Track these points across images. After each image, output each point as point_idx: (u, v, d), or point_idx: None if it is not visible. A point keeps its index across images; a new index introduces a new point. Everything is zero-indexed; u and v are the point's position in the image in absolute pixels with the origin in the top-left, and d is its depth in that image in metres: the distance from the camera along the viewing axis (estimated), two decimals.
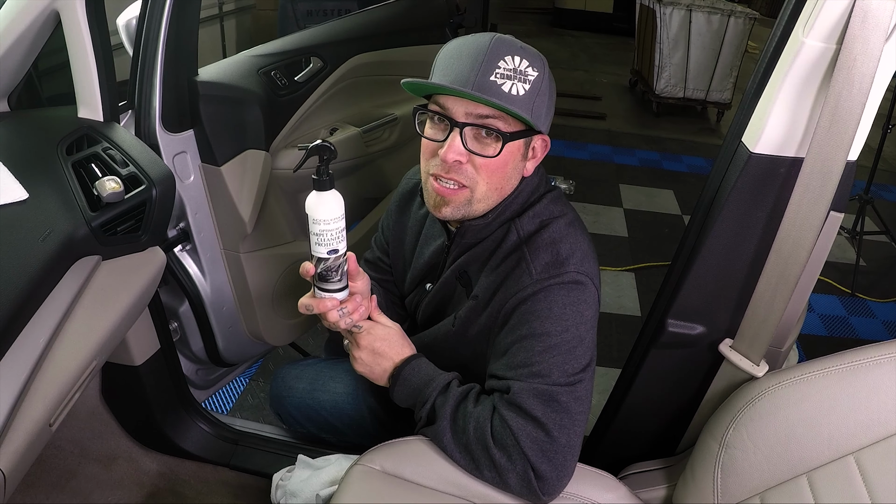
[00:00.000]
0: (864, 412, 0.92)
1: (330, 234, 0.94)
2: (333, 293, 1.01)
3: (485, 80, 0.96)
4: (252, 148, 1.65)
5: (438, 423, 1.05)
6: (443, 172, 1.01)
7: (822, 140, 0.91)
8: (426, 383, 1.08)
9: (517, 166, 1.05)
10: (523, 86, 0.97)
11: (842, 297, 3.10)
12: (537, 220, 1.08)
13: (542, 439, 0.97)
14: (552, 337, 1.00)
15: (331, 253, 0.96)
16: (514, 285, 1.04)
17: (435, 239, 1.22)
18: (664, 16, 5.06)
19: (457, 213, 1.05)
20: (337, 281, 0.99)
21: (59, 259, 1.08)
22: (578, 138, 4.96)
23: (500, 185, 1.04)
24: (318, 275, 0.98)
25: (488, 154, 0.99)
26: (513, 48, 0.98)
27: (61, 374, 1.04)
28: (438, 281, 1.20)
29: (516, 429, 0.98)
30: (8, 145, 1.27)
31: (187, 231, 1.66)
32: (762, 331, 1.06)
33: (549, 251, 1.04)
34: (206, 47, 4.02)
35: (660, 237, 3.57)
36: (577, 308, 1.01)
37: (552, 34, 8.40)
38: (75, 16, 1.26)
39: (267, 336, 1.87)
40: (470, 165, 1.01)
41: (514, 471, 0.98)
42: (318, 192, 0.93)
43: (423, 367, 1.11)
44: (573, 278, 1.02)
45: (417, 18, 2.26)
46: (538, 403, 0.98)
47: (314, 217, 0.93)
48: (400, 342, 1.13)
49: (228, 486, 1.71)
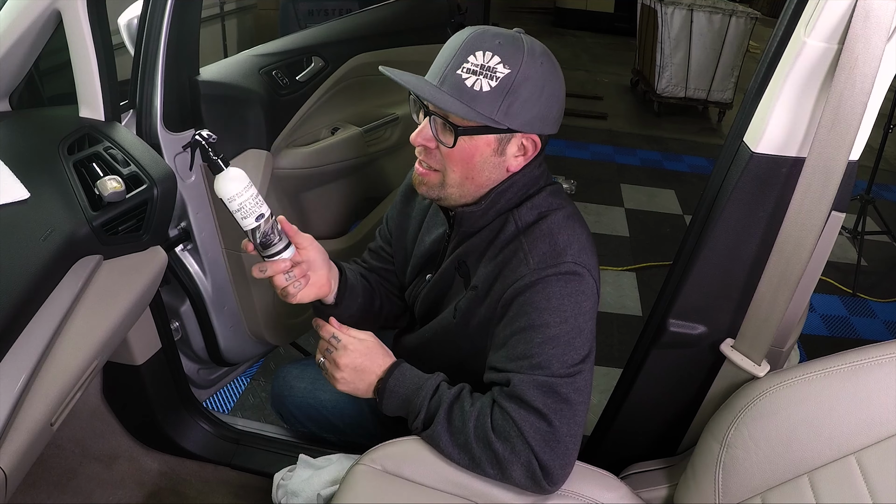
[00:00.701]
0: (866, 412, 0.92)
1: (248, 203, 0.99)
2: (280, 254, 1.06)
3: (451, 74, 1.00)
4: (253, 147, 1.65)
5: (434, 427, 1.05)
6: (420, 155, 1.09)
7: (824, 140, 0.91)
8: (415, 392, 1.08)
9: (489, 161, 1.06)
10: (489, 82, 0.98)
11: (843, 298, 3.10)
12: (536, 212, 1.09)
13: (545, 430, 0.97)
14: (551, 328, 1.00)
15: (258, 219, 1.01)
16: (512, 275, 1.04)
17: (436, 228, 1.23)
18: (666, 15, 5.06)
19: (431, 193, 1.11)
20: (277, 243, 1.04)
21: (61, 258, 1.08)
22: (580, 138, 4.95)
23: (469, 174, 1.07)
24: (259, 244, 1.04)
25: (446, 143, 1.04)
26: (488, 43, 0.99)
27: (62, 373, 1.04)
28: (438, 271, 1.20)
29: (519, 420, 0.98)
30: (9, 145, 1.27)
31: (188, 230, 1.66)
32: (763, 331, 1.06)
33: (546, 241, 1.04)
34: (207, 47, 4.02)
35: (661, 237, 3.57)
36: (575, 299, 1.02)
37: (553, 34, 8.39)
38: (77, 15, 1.26)
39: (268, 335, 1.87)
40: (438, 152, 1.06)
41: (519, 462, 0.98)
42: (219, 175, 0.99)
43: (407, 374, 1.10)
44: (571, 269, 1.02)
45: (418, 18, 2.26)
46: (539, 395, 0.98)
47: (228, 196, 0.99)
48: (379, 352, 1.13)
49: (230, 486, 1.71)
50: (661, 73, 5.27)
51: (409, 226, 1.32)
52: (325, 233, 2.02)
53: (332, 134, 1.95)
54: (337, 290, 1.21)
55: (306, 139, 1.89)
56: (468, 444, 1.02)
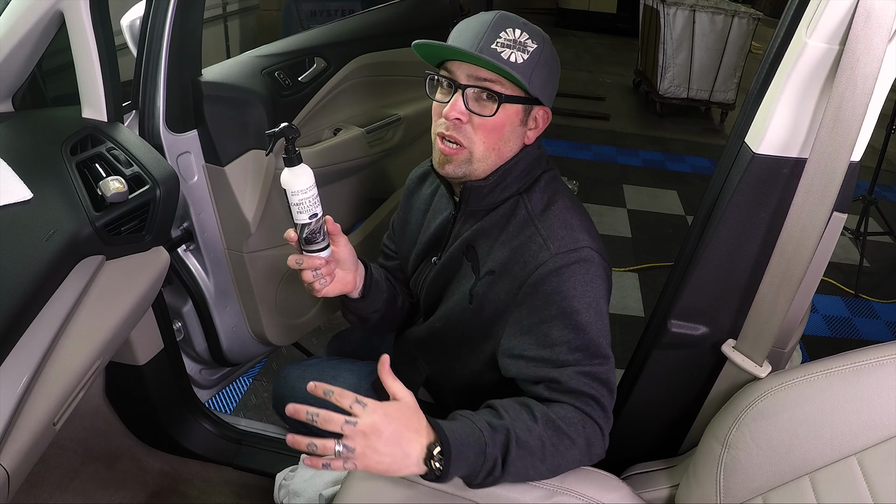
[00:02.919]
0: (867, 413, 0.92)
1: (308, 201, 1.05)
2: (319, 252, 1.11)
3: (486, 47, 1.04)
4: (255, 148, 1.66)
5: (511, 466, 0.96)
6: (446, 131, 1.09)
7: (825, 141, 0.91)
8: (477, 444, 0.94)
9: (515, 131, 1.11)
10: (522, 55, 1.05)
11: (845, 298, 3.09)
12: (545, 196, 1.13)
13: (600, 414, 1.05)
14: (580, 314, 1.04)
15: (312, 217, 1.07)
16: (533, 260, 1.07)
17: (442, 212, 1.26)
18: (668, 16, 5.05)
19: (458, 170, 1.11)
20: (320, 241, 1.10)
21: (64, 259, 1.08)
22: (582, 139, 4.95)
23: (496, 145, 1.09)
24: (304, 239, 1.09)
25: (486, 114, 1.07)
26: (515, 22, 1.07)
27: (65, 373, 1.04)
28: (444, 254, 1.21)
29: (582, 406, 1.03)
30: (12, 145, 1.27)
31: (191, 231, 1.66)
32: (765, 331, 1.06)
33: (562, 226, 1.09)
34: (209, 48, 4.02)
35: (663, 238, 3.57)
36: (597, 284, 1.07)
37: (556, 34, 8.36)
38: (79, 16, 1.26)
39: (270, 336, 1.87)
40: (469, 126, 1.08)
41: (598, 436, 1.04)
42: (290, 168, 1.05)
43: (456, 430, 0.94)
44: (589, 255, 1.07)
45: (421, 18, 2.26)
46: (588, 382, 1.04)
47: (292, 190, 1.04)
48: (416, 413, 0.93)
49: (231, 486, 1.71)
50: (664, 73, 5.27)
51: (413, 217, 1.34)
52: None
53: (335, 135, 1.95)
54: (363, 285, 1.24)
55: (309, 140, 1.89)
56: (551, 456, 1.00)
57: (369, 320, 1.31)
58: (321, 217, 1.08)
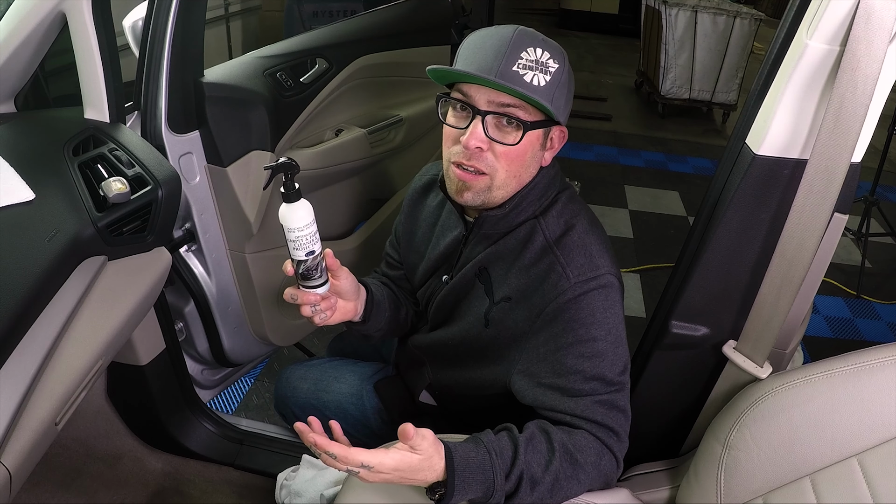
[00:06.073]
0: (868, 414, 0.92)
1: (304, 238, 1.00)
2: (316, 288, 1.07)
3: (507, 70, 0.97)
4: (257, 149, 1.66)
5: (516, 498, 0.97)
6: (464, 160, 1.03)
7: (826, 142, 0.91)
8: (483, 485, 0.95)
9: (535, 155, 1.07)
10: (544, 77, 0.99)
11: (847, 299, 3.09)
12: (562, 221, 1.10)
13: (614, 441, 1.04)
14: (598, 342, 1.03)
15: (308, 255, 1.02)
16: (553, 289, 1.04)
17: (452, 230, 1.22)
18: (670, 17, 5.05)
19: (477, 198, 1.06)
20: (317, 278, 1.06)
21: (66, 259, 1.08)
22: (584, 139, 4.95)
23: (518, 172, 1.05)
24: (300, 274, 1.04)
25: (508, 142, 1.01)
26: (535, 40, 1.00)
27: (67, 373, 1.04)
28: (456, 274, 1.19)
29: (598, 433, 1.02)
30: (15, 146, 1.28)
31: (193, 231, 1.66)
32: (766, 332, 1.06)
33: (581, 253, 1.06)
34: (211, 49, 4.03)
35: (665, 239, 3.57)
36: (615, 310, 1.05)
37: (558, 35, 8.28)
38: (82, 17, 1.26)
39: (272, 336, 1.87)
40: (490, 153, 1.02)
41: (612, 463, 1.04)
42: (288, 205, 0.98)
43: (459, 452, 0.94)
44: (608, 281, 1.05)
45: (423, 19, 2.26)
46: (604, 411, 1.03)
47: (288, 226, 0.99)
48: (427, 463, 0.92)
49: (233, 486, 1.71)
50: (666, 74, 5.26)
51: (418, 228, 1.31)
52: (330, 234, 2.02)
53: (337, 135, 1.95)
54: (364, 308, 1.21)
55: (310, 141, 1.89)
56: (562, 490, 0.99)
57: (372, 337, 1.29)
58: (319, 254, 1.03)
